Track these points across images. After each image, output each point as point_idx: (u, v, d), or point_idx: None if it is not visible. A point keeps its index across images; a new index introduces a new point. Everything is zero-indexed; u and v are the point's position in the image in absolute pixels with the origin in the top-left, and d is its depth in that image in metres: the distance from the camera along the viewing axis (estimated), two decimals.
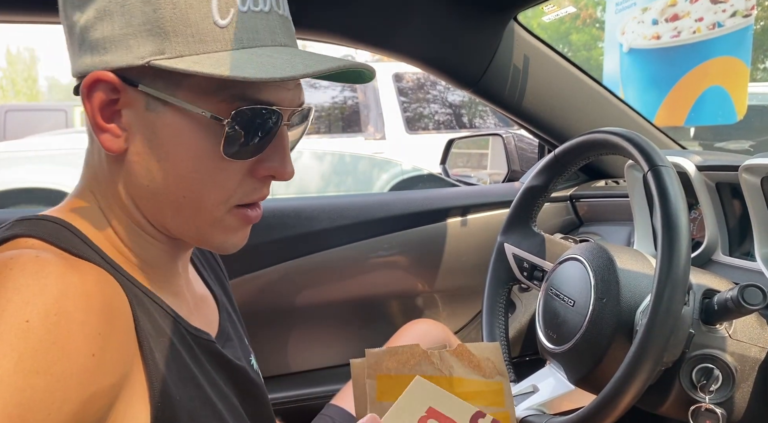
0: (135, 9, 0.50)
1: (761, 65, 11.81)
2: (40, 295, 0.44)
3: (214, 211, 0.57)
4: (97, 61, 0.52)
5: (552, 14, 1.57)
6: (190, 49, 0.50)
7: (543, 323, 0.93)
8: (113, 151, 0.54)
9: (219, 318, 0.73)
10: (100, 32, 0.51)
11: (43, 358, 0.42)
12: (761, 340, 0.78)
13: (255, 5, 0.52)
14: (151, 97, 0.52)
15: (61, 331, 0.44)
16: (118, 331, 0.50)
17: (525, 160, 1.64)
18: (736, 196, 0.96)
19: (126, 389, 0.50)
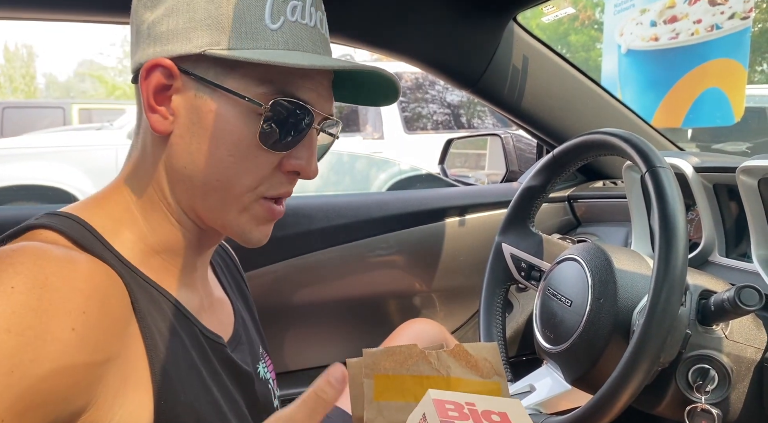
0: (199, 6, 0.57)
1: (759, 67, 11.83)
2: (32, 270, 0.48)
3: (243, 198, 0.61)
4: (158, 50, 0.58)
5: (551, 15, 1.57)
6: (243, 44, 0.56)
7: (540, 323, 0.94)
8: (160, 131, 0.59)
9: (234, 322, 0.74)
10: (165, 26, 0.57)
11: (18, 320, 0.45)
12: (757, 341, 0.79)
13: (302, 18, 0.59)
14: (201, 84, 0.58)
15: (42, 302, 0.47)
16: (108, 316, 0.52)
17: (523, 160, 1.65)
18: (734, 197, 0.96)
19: (117, 376, 0.52)
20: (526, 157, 1.65)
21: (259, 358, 0.78)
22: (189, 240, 0.64)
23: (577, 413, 0.76)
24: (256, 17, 0.56)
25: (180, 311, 0.62)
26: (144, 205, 0.62)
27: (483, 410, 0.57)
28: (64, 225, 0.57)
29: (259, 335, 0.82)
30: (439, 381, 0.75)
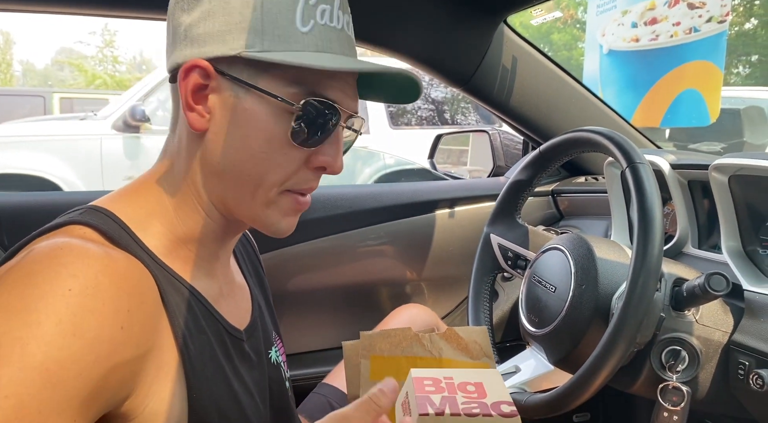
0: (234, 10, 0.59)
1: (735, 70, 12.03)
2: (83, 271, 0.51)
3: (270, 192, 0.64)
4: (195, 51, 0.61)
5: (539, 18, 1.62)
6: (276, 47, 0.59)
7: (526, 308, 0.99)
8: (197, 128, 0.62)
9: (252, 309, 0.78)
10: (202, 29, 0.60)
11: (80, 324, 0.48)
12: (724, 325, 0.84)
13: (330, 21, 0.62)
14: (236, 84, 0.61)
15: (96, 303, 0.50)
16: (145, 313, 0.55)
17: (509, 156, 1.70)
18: (706, 193, 1.01)
19: (152, 367, 0.56)
20: (512, 153, 1.70)
21: (272, 343, 0.81)
22: (215, 230, 0.67)
23: (559, 391, 0.81)
24: (288, 21, 0.59)
25: (205, 307, 0.65)
26: (176, 198, 0.65)
27: (459, 382, 0.61)
28: (96, 220, 0.60)
29: (273, 319, 0.86)
30: (432, 362, 0.80)
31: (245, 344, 0.71)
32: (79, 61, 19.47)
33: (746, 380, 0.79)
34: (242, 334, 0.71)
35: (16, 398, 0.44)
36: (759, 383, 0.76)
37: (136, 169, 4.34)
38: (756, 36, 12.31)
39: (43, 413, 0.45)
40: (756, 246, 0.93)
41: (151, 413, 0.56)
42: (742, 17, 12.12)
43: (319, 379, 1.14)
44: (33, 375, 0.45)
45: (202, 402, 0.60)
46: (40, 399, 0.45)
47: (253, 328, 0.75)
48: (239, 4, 0.59)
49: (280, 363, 0.81)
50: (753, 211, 0.93)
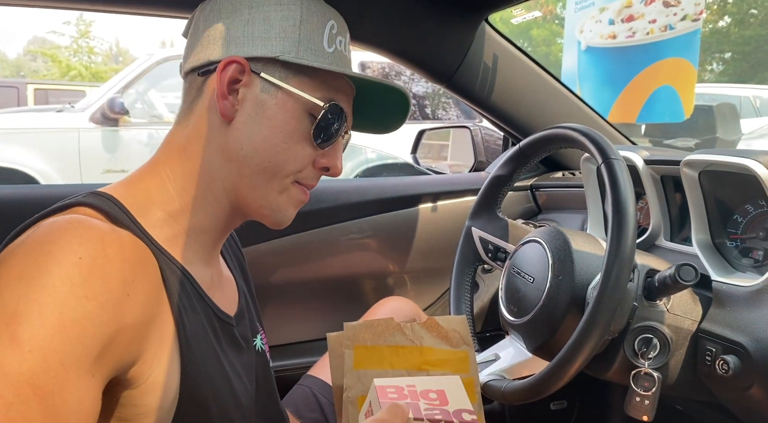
0: (274, 23, 0.69)
1: (708, 67, 12.24)
2: (90, 242, 0.55)
3: (285, 180, 0.72)
4: (233, 49, 0.69)
5: (520, 17, 1.65)
6: (308, 57, 0.70)
7: (505, 298, 1.01)
8: (226, 116, 0.69)
9: (238, 299, 0.82)
10: (241, 32, 0.69)
11: (91, 288, 0.53)
12: (693, 314, 0.87)
13: (344, 50, 0.75)
14: (267, 82, 0.69)
15: (104, 270, 0.54)
16: (148, 284, 0.59)
17: (489, 151, 1.73)
18: (678, 188, 1.04)
19: (155, 337, 0.60)
20: (492, 149, 1.74)
21: (257, 332, 0.84)
22: (219, 217, 0.73)
23: (536, 377, 0.83)
24: (318, 39, 0.70)
25: (198, 292, 0.69)
26: (183, 183, 0.70)
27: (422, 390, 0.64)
28: (99, 202, 0.64)
29: (256, 311, 0.89)
30: (413, 350, 0.83)
31: (234, 330, 0.75)
32: (53, 51, 19.04)
33: (713, 366, 0.82)
34: (232, 319, 0.75)
35: (39, 352, 0.48)
36: (725, 369, 0.80)
37: (115, 163, 4.30)
38: (729, 34, 12.55)
39: (65, 365, 0.49)
40: (724, 238, 0.97)
41: (153, 383, 0.60)
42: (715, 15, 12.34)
43: (303, 370, 1.16)
44: (52, 332, 0.49)
45: (195, 376, 0.64)
46: (62, 353, 0.49)
47: (241, 316, 0.79)
48: (279, 18, 0.69)
49: (264, 351, 0.85)
50: (721, 205, 0.97)
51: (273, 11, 0.69)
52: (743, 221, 0.96)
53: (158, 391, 0.60)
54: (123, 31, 48.58)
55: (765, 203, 0.92)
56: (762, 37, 12.35)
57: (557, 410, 1.52)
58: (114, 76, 5.24)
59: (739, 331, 0.81)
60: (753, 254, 0.93)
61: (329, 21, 0.72)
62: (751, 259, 0.93)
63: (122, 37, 41.26)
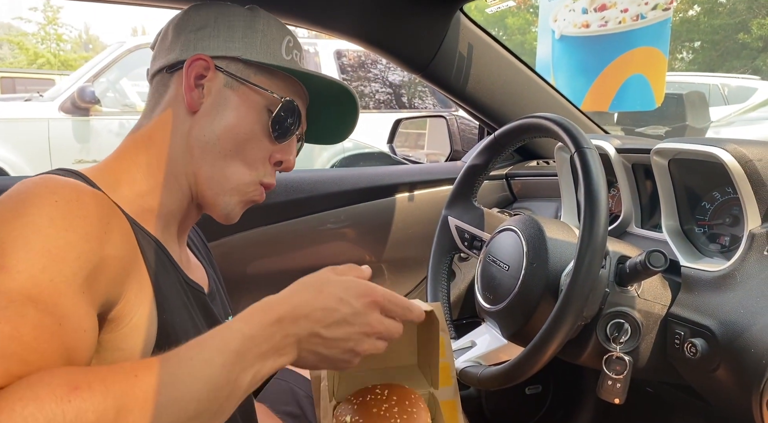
0: (237, 32, 0.77)
1: (678, 55, 12.43)
2: (64, 189, 0.58)
3: (243, 177, 0.77)
4: (201, 49, 0.76)
5: (494, 6, 1.66)
6: (267, 59, 0.77)
7: (481, 286, 1.03)
8: (192, 106, 0.75)
9: (208, 283, 0.84)
10: (207, 37, 0.76)
11: (70, 222, 0.55)
12: (663, 299, 0.89)
13: (300, 61, 0.82)
14: (230, 78, 0.76)
15: (81, 210, 0.57)
16: (123, 229, 0.63)
17: (465, 140, 1.74)
18: (649, 175, 1.06)
19: (135, 281, 0.63)
20: (468, 138, 1.75)
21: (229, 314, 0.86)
22: (183, 204, 0.77)
23: (512, 363, 0.85)
24: (277, 47, 0.78)
25: (168, 258, 0.72)
26: (150, 169, 0.74)
27: None
28: (67, 174, 0.66)
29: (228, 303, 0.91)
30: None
31: (206, 298, 0.78)
32: (20, 38, 18.50)
33: (681, 349, 0.84)
34: (203, 288, 0.78)
35: (27, 272, 0.51)
36: (693, 351, 0.82)
37: (87, 153, 4.21)
38: (699, 23, 12.76)
39: (54, 281, 0.52)
40: (692, 225, 0.99)
41: (134, 325, 0.62)
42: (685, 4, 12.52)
43: None
44: (38, 255, 0.52)
45: (171, 324, 0.67)
46: (50, 272, 0.52)
47: (213, 296, 0.82)
48: (242, 27, 0.77)
49: None
50: (690, 192, 1.00)
51: (237, 21, 0.77)
52: (711, 208, 0.98)
53: (140, 334, 0.63)
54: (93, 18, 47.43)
55: (731, 190, 0.95)
56: (730, 26, 12.58)
57: (532, 394, 1.55)
58: (84, 64, 5.12)
59: (706, 314, 0.83)
60: (720, 240, 0.96)
61: (286, 36, 0.80)
62: (718, 245, 0.96)
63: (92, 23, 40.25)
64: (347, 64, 5.13)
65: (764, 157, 0.85)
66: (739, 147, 0.86)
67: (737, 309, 0.80)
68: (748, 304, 0.79)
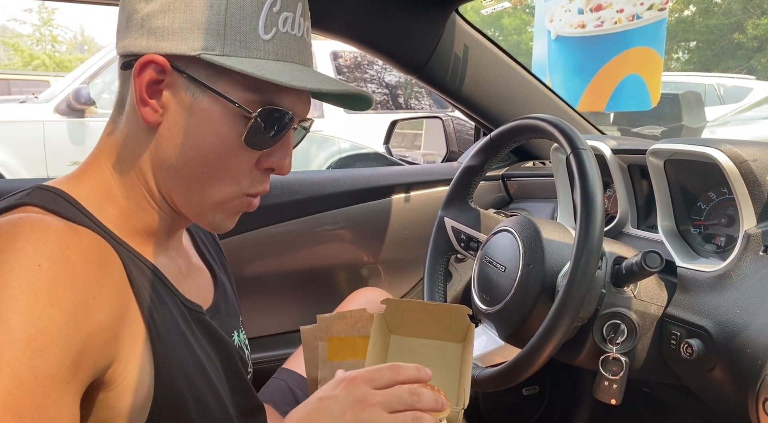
0: (197, 9, 0.59)
1: (674, 55, 12.47)
2: (48, 246, 0.52)
3: (224, 193, 0.65)
4: (152, 44, 0.60)
5: (490, 8, 1.66)
6: (236, 52, 0.60)
7: (477, 287, 1.02)
8: (150, 123, 0.62)
9: (214, 292, 0.79)
10: (161, 22, 0.60)
11: (55, 295, 0.50)
12: (659, 300, 0.89)
13: (291, 29, 0.63)
14: (193, 83, 0.61)
15: (68, 275, 0.51)
16: (113, 283, 0.57)
17: (461, 141, 1.74)
18: (645, 176, 1.06)
19: (127, 336, 0.58)
20: (464, 139, 1.75)
21: (237, 327, 0.82)
22: (165, 221, 0.68)
23: (509, 364, 0.85)
24: (251, 28, 0.60)
25: (164, 283, 0.66)
26: (125, 187, 0.65)
27: None
28: (48, 200, 0.59)
29: (238, 305, 0.87)
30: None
31: (206, 318, 0.72)
32: (15, 40, 18.45)
33: (678, 349, 0.84)
34: (202, 308, 0.72)
35: (10, 370, 0.46)
36: (689, 352, 0.82)
37: (82, 155, 4.20)
38: (694, 23, 12.79)
39: (38, 378, 0.47)
40: (688, 225, 0.99)
41: (128, 383, 0.58)
42: (681, 4, 12.56)
43: (279, 362, 1.16)
44: (21, 346, 0.47)
45: (168, 370, 0.62)
46: (33, 366, 0.47)
47: (216, 309, 0.76)
48: (203, 3, 0.59)
49: (244, 347, 0.82)
50: (686, 192, 1.00)
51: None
52: (706, 208, 0.98)
53: (133, 390, 0.58)
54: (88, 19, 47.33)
55: (727, 191, 0.95)
56: (726, 26, 12.62)
57: (529, 395, 1.55)
58: (79, 65, 5.10)
59: (703, 315, 0.83)
60: (716, 240, 0.96)
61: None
62: (714, 245, 0.96)
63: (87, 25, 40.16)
64: (343, 65, 5.12)
65: (759, 157, 0.85)
66: (735, 147, 0.86)
67: (733, 309, 0.80)
68: (744, 304, 0.79)
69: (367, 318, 0.99)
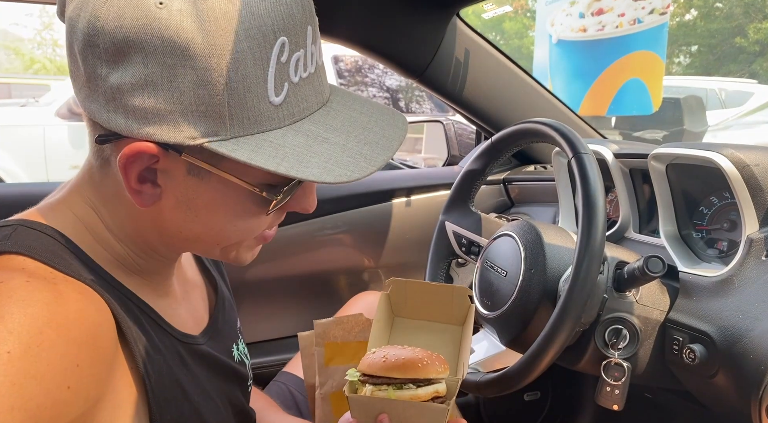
0: (186, 88, 0.48)
1: (676, 59, 12.47)
2: (24, 326, 0.44)
3: (240, 245, 0.61)
4: (135, 128, 0.49)
5: (491, 12, 1.66)
6: (245, 131, 0.49)
7: (479, 292, 1.02)
8: (146, 207, 0.54)
9: (215, 305, 0.76)
10: (140, 101, 0.48)
11: (20, 394, 0.42)
12: (661, 305, 0.89)
13: (304, 71, 0.52)
14: (193, 165, 0.52)
15: (40, 364, 0.44)
16: (97, 361, 0.49)
17: (462, 145, 1.74)
18: (647, 180, 1.06)
19: (105, 413, 0.51)
20: (465, 143, 1.74)
21: (237, 336, 0.80)
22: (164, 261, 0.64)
23: (510, 370, 0.84)
24: (259, 97, 0.49)
25: (158, 324, 0.61)
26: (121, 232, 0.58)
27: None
28: (33, 244, 0.52)
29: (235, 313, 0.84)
30: None
31: (202, 347, 0.69)
32: (16, 44, 18.52)
33: (680, 355, 0.84)
34: (197, 338, 0.68)
35: None
36: (691, 357, 0.81)
37: (83, 158, 4.20)
38: (696, 27, 12.81)
39: None
40: (690, 230, 0.99)
41: None
42: (682, 8, 12.58)
43: (279, 367, 1.16)
44: None
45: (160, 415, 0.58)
46: None
47: (213, 329, 0.73)
48: (191, 82, 0.48)
49: (244, 358, 0.80)
50: (688, 197, 0.99)
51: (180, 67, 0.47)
52: (708, 213, 0.98)
53: None
54: None
55: (729, 195, 0.94)
56: (727, 29, 12.63)
57: (531, 401, 1.54)
58: None
59: (705, 320, 0.83)
60: (718, 245, 0.96)
61: (275, 43, 0.49)
62: (716, 250, 0.95)
63: None
64: (344, 68, 5.13)
65: (761, 162, 0.85)
66: (737, 152, 0.86)
67: (736, 314, 0.79)
68: (746, 309, 0.79)
69: (363, 323, 0.98)
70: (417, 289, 0.79)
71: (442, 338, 0.80)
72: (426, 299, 0.79)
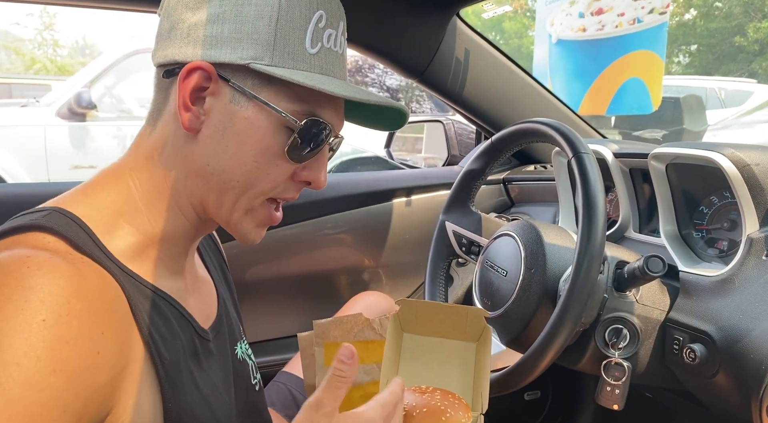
0: (247, 20, 0.60)
1: (675, 59, 12.47)
2: (54, 296, 0.49)
3: (254, 201, 0.65)
4: (199, 52, 0.61)
5: (491, 12, 1.67)
6: (284, 63, 0.61)
7: (479, 292, 1.02)
8: (190, 129, 0.62)
9: (217, 305, 0.78)
10: (209, 31, 0.60)
11: (58, 357, 0.47)
12: (661, 304, 0.89)
13: (334, 46, 0.65)
14: (238, 92, 0.61)
15: (72, 331, 0.49)
16: (118, 331, 0.55)
17: (462, 145, 1.74)
18: (647, 180, 1.06)
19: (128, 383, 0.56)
20: (466, 143, 1.74)
21: (240, 337, 0.81)
22: (188, 230, 0.67)
23: (510, 369, 0.85)
24: (299, 41, 0.61)
25: (176, 308, 0.64)
26: (150, 195, 0.64)
27: None
28: (60, 225, 0.57)
29: (238, 314, 0.86)
30: (383, 344, 0.83)
31: (211, 344, 0.71)
32: (16, 44, 18.52)
33: (680, 354, 0.84)
34: (208, 333, 0.71)
35: None
36: (691, 357, 0.82)
37: (84, 158, 4.21)
38: (695, 26, 12.81)
39: None
40: (690, 229, 0.99)
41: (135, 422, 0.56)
42: (681, 8, 12.58)
43: (280, 367, 1.15)
44: (19, 421, 0.45)
45: (177, 410, 0.60)
46: None
47: (219, 325, 0.75)
48: (253, 15, 0.60)
49: (247, 358, 0.81)
50: (688, 196, 0.99)
51: (247, 5, 0.60)
52: (709, 212, 0.98)
53: None
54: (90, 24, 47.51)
55: (729, 194, 0.94)
56: (726, 29, 12.62)
57: (531, 400, 1.54)
58: (81, 69, 5.12)
59: (705, 320, 0.83)
60: (718, 244, 0.96)
61: (317, 11, 0.62)
62: (716, 250, 0.95)
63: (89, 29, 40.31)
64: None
65: (762, 161, 0.85)
66: (737, 151, 0.86)
67: (736, 314, 0.79)
68: (746, 309, 0.79)
69: (363, 322, 0.98)
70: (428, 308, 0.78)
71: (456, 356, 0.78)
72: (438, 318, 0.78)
